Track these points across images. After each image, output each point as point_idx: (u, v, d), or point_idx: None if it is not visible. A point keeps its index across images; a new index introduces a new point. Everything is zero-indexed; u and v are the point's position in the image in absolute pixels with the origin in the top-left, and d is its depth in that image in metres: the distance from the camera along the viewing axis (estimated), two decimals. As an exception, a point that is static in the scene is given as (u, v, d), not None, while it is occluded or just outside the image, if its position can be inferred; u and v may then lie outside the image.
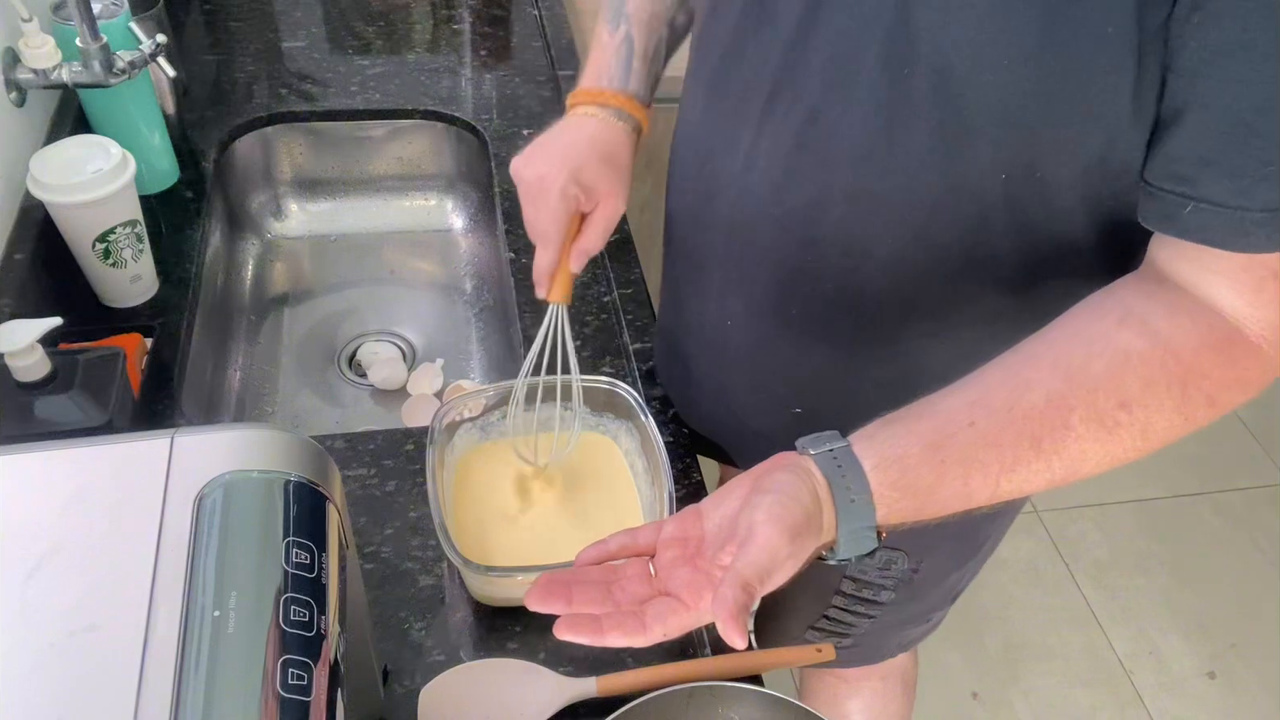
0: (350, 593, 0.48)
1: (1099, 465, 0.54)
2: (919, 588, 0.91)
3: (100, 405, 0.73)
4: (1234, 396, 0.54)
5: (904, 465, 0.53)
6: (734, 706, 0.66)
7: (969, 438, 0.53)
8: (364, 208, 1.25)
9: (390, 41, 1.30)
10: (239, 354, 1.08)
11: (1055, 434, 0.53)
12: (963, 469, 0.53)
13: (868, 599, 0.92)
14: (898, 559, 0.87)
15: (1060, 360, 0.54)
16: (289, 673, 0.39)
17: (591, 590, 0.54)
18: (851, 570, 0.89)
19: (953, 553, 0.90)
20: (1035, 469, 0.53)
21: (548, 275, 0.71)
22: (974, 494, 0.54)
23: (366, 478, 0.80)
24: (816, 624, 0.98)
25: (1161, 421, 0.53)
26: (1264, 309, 0.52)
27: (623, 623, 0.52)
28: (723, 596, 0.48)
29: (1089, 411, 0.53)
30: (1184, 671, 1.71)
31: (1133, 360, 0.53)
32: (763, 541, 0.51)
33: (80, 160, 0.85)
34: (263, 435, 0.47)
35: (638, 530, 0.57)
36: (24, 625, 0.40)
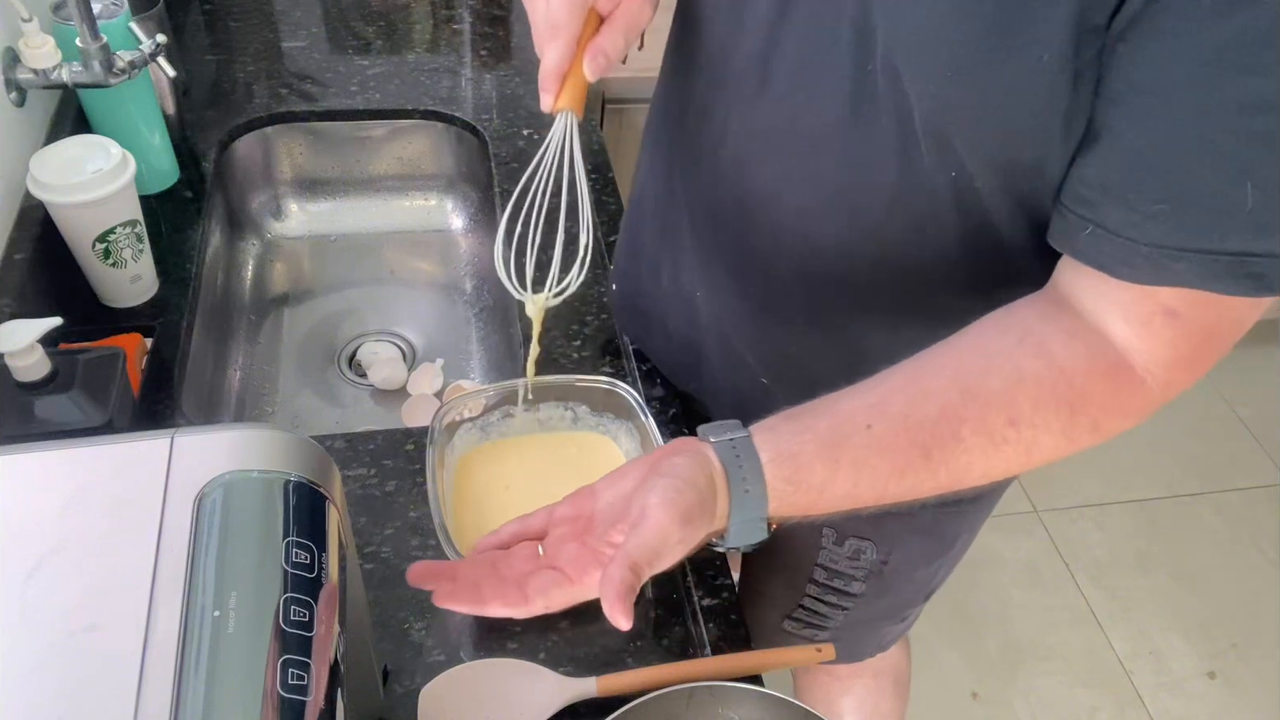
0: (350, 593, 0.48)
1: (981, 477, 0.56)
2: (890, 580, 0.92)
3: (100, 405, 0.73)
4: (1117, 424, 0.56)
5: (799, 462, 0.54)
6: (734, 706, 0.66)
7: (864, 441, 0.55)
8: (364, 208, 1.25)
9: (390, 41, 1.30)
10: (239, 354, 1.08)
11: (945, 445, 0.55)
12: (854, 471, 0.55)
13: (839, 589, 0.94)
14: (866, 549, 0.88)
15: (960, 373, 0.56)
16: (289, 673, 0.39)
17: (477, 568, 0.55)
18: (823, 558, 0.91)
19: (921, 548, 0.91)
20: (922, 476, 0.55)
21: (557, 77, 0.59)
22: (861, 495, 0.56)
23: (366, 478, 0.81)
24: (792, 614, 0.99)
25: (1047, 441, 0.55)
26: (1150, 342, 0.54)
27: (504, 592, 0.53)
28: (610, 576, 0.50)
29: (979, 425, 0.54)
30: (1184, 671, 1.71)
31: (1027, 380, 0.54)
32: (654, 525, 0.52)
33: (80, 160, 0.85)
34: (263, 435, 0.47)
35: (529, 516, 0.59)
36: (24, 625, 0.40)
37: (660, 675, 0.68)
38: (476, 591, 0.53)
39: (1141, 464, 2.02)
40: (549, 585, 0.54)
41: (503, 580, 0.55)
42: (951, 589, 1.51)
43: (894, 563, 0.90)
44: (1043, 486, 1.92)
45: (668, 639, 0.73)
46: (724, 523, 0.55)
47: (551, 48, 0.59)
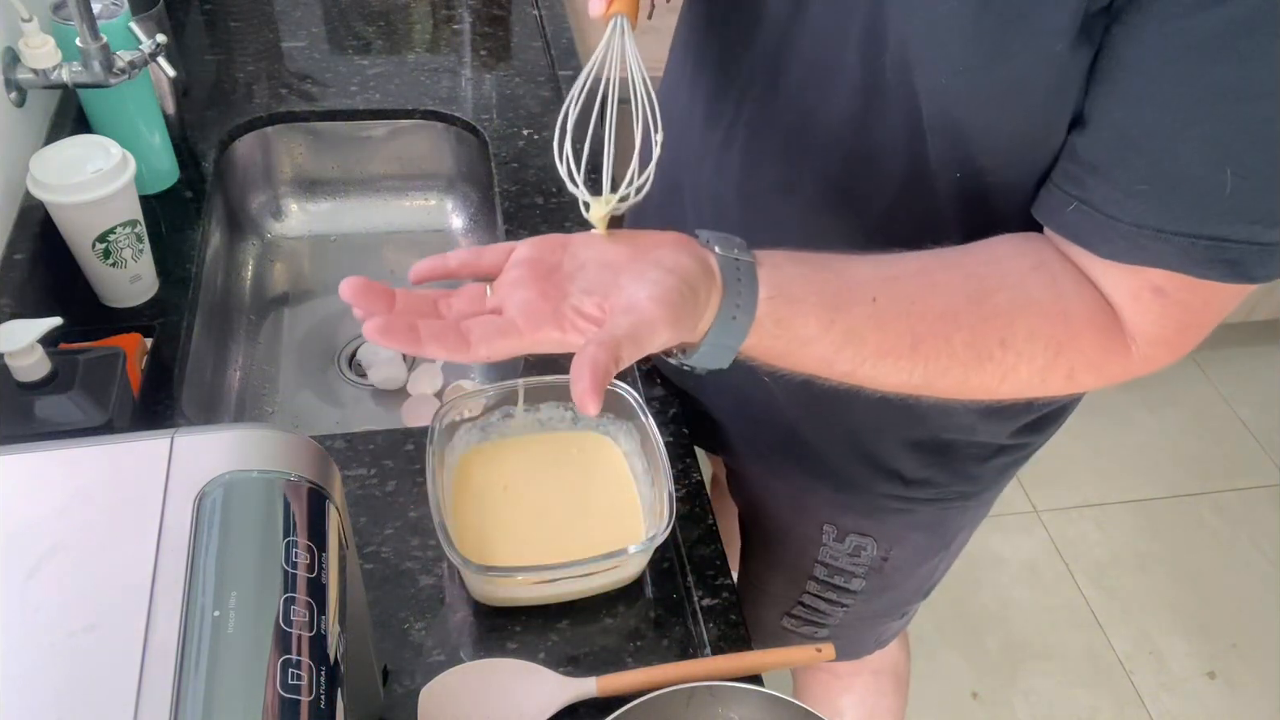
0: (350, 593, 0.48)
1: (950, 388, 0.56)
2: (890, 577, 0.92)
3: (100, 405, 0.73)
4: (1090, 379, 0.56)
5: (795, 309, 0.52)
6: (734, 706, 0.66)
7: (865, 313, 0.53)
8: (364, 208, 1.25)
9: (390, 41, 1.30)
10: (239, 354, 1.08)
11: (934, 344, 0.53)
12: (843, 339, 0.53)
13: (839, 586, 0.94)
14: (867, 545, 0.88)
15: (972, 278, 0.55)
16: (289, 673, 0.39)
17: (418, 302, 0.50)
18: (823, 555, 0.91)
19: (922, 545, 0.91)
20: (900, 366, 0.54)
21: None
22: (835, 364, 0.54)
23: (366, 478, 0.81)
24: (792, 611, 0.99)
25: (1023, 373, 0.55)
26: (1139, 316, 0.54)
27: (443, 335, 0.48)
28: (591, 356, 0.45)
29: (972, 337, 0.54)
30: (1184, 671, 1.71)
31: (1031, 307, 0.54)
32: (645, 319, 0.47)
33: (80, 160, 0.85)
34: (263, 435, 0.47)
35: (484, 249, 0.54)
36: (24, 625, 0.40)
37: (660, 675, 0.68)
38: (413, 331, 0.47)
39: (1141, 464, 2.02)
40: (494, 333, 0.48)
41: (443, 320, 0.49)
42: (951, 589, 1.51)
43: (894, 559, 0.90)
44: (1043, 486, 1.92)
45: (668, 639, 0.73)
46: (698, 338, 0.51)
47: None
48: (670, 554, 0.78)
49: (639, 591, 0.76)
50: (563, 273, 0.52)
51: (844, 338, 0.53)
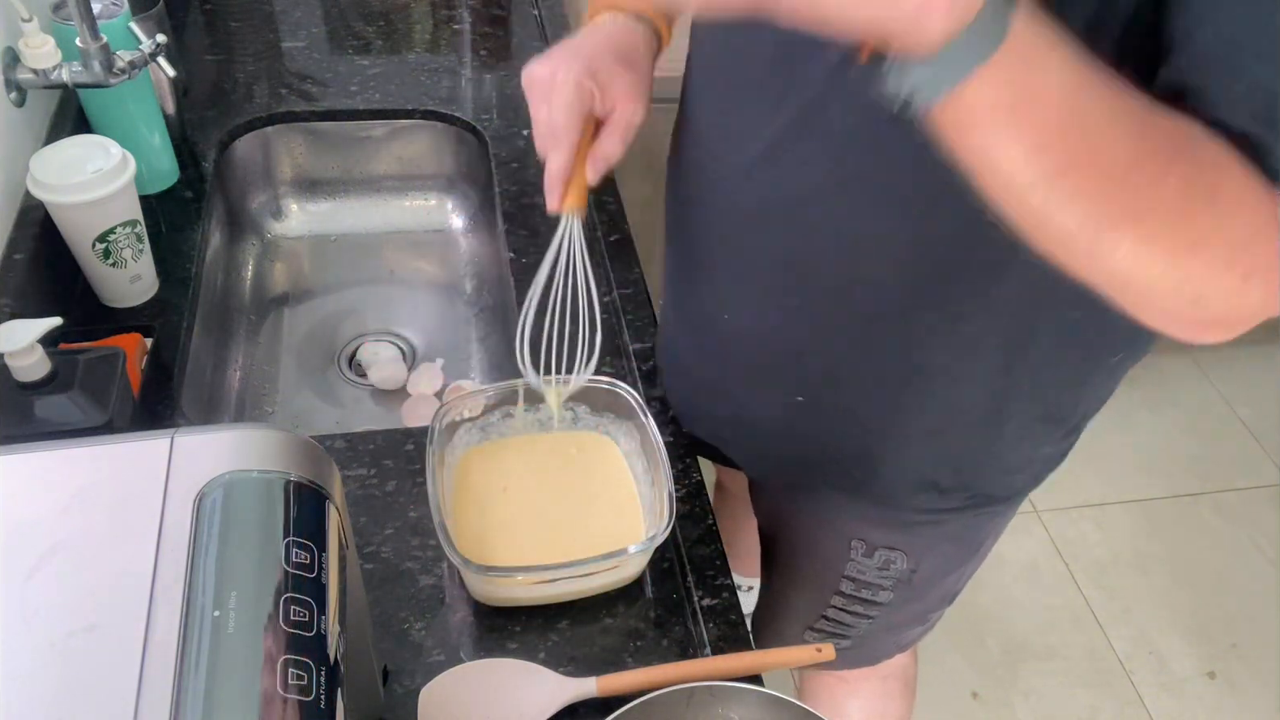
0: (350, 593, 0.48)
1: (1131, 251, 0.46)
2: (918, 588, 0.91)
3: (100, 405, 0.73)
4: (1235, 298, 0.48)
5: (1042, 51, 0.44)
6: (734, 706, 0.66)
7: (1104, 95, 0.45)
8: (364, 208, 1.25)
9: (390, 41, 1.30)
10: (239, 354, 1.08)
11: (1150, 165, 0.45)
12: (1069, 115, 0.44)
13: (866, 599, 0.92)
14: (896, 559, 0.87)
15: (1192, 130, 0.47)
16: (289, 673, 0.39)
17: None
18: (850, 570, 0.89)
19: (952, 554, 0.90)
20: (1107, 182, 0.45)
21: (560, 181, 0.65)
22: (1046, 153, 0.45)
23: (366, 478, 0.81)
24: (815, 625, 0.98)
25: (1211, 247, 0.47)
26: None
27: None
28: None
29: (1187, 176, 0.46)
30: (1184, 671, 1.71)
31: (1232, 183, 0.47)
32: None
33: (80, 160, 0.85)
34: (263, 435, 0.47)
35: None
36: (24, 625, 0.40)
37: (660, 675, 0.68)
38: None
39: (1141, 464, 2.02)
40: None
41: None
42: (951, 589, 1.50)
43: (923, 571, 0.88)
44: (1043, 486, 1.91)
45: (668, 639, 0.73)
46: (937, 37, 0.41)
47: (554, 155, 0.65)
48: (670, 554, 0.78)
49: (639, 591, 0.76)
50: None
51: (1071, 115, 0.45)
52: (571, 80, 0.65)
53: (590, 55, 0.66)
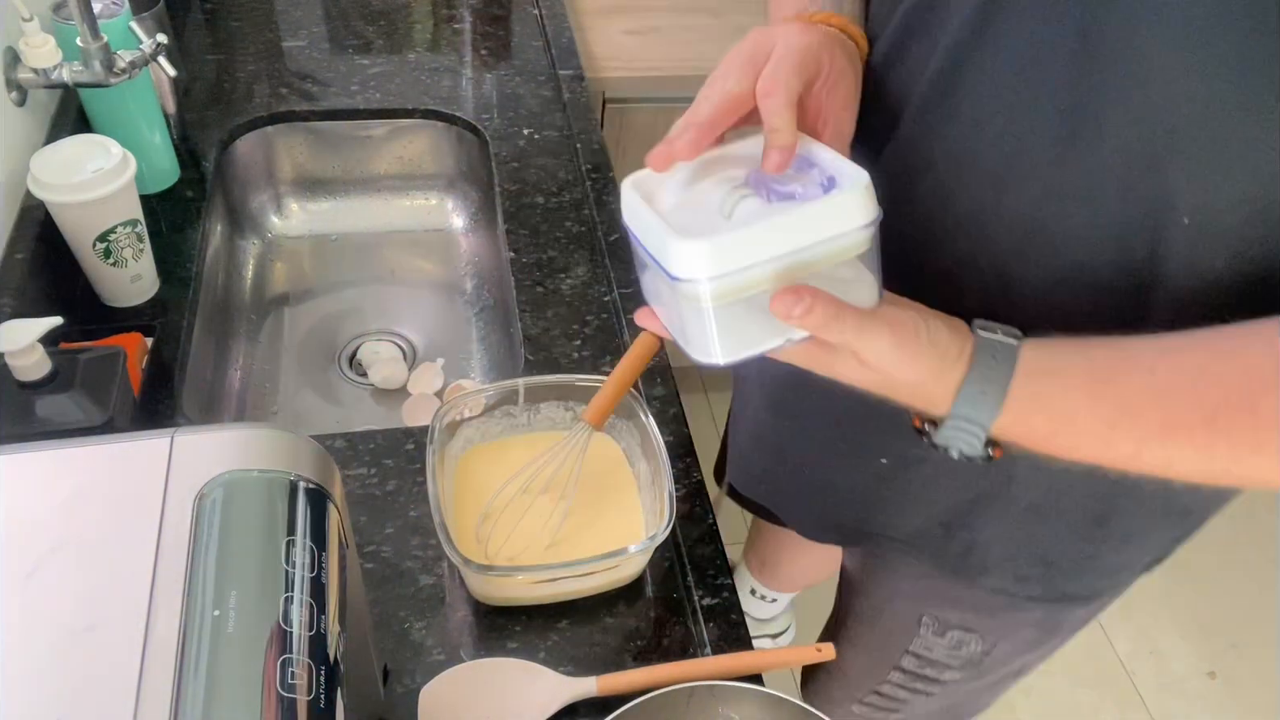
0: (350, 593, 0.48)
1: (1270, 469, 0.46)
2: (987, 669, 0.84)
3: (100, 405, 0.73)
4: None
5: (1056, 381, 0.48)
6: (734, 706, 0.66)
7: (1141, 381, 0.47)
8: (364, 207, 1.25)
9: (391, 41, 1.30)
10: (239, 353, 1.08)
11: (1238, 414, 0.45)
12: (1115, 412, 0.47)
13: (929, 677, 0.86)
14: (970, 640, 0.81)
15: (1275, 342, 0.45)
16: (289, 672, 0.39)
17: None
18: (916, 646, 0.84)
19: (1031, 639, 0.82)
20: (1196, 444, 0.46)
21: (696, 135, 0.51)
22: (1115, 444, 0.47)
23: (366, 477, 0.81)
24: (866, 698, 0.92)
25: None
26: None
27: None
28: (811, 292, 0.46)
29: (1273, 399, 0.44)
30: (1184, 671, 1.71)
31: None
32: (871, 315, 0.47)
33: (81, 160, 0.85)
34: (263, 434, 0.47)
35: None
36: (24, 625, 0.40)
37: (660, 675, 0.68)
38: None
39: (1142, 464, 2.02)
40: None
41: None
42: (952, 589, 1.49)
43: (997, 653, 0.82)
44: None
45: (668, 639, 0.73)
46: (944, 408, 0.49)
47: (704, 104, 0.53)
48: (670, 554, 0.78)
49: (639, 591, 0.76)
50: None
51: (1117, 411, 0.47)
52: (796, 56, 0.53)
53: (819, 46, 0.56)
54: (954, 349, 0.49)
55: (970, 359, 0.49)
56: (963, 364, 0.49)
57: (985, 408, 0.48)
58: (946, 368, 0.49)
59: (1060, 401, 0.48)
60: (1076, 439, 0.49)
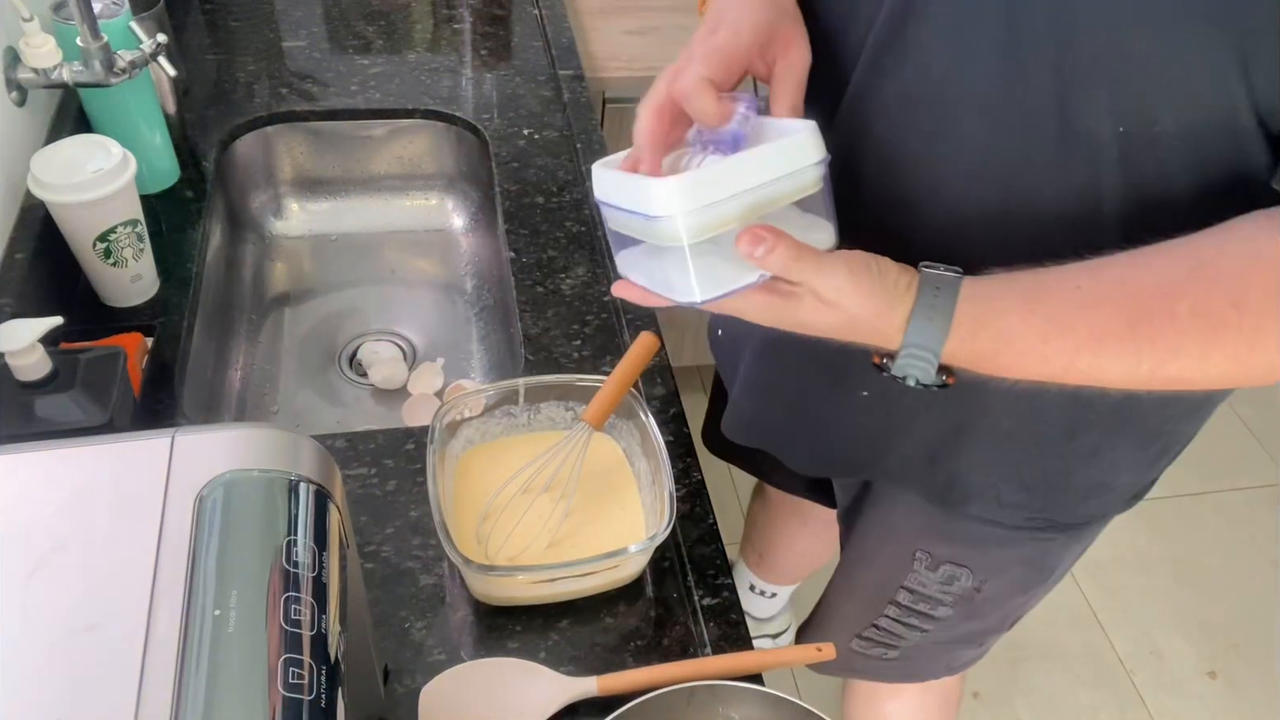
0: (350, 593, 0.48)
1: (1191, 370, 0.49)
2: (979, 607, 0.87)
3: (101, 405, 0.73)
4: None
5: (993, 306, 0.53)
6: (734, 706, 0.66)
7: (1068, 298, 0.51)
8: (364, 207, 1.25)
9: (391, 41, 1.30)
10: (239, 353, 1.08)
11: (1155, 318, 0.49)
12: (1048, 327, 0.51)
13: (923, 612, 0.89)
14: (961, 575, 0.84)
15: (1191, 250, 0.50)
16: (289, 672, 0.39)
17: None
18: (910, 581, 0.86)
19: (1021, 577, 0.85)
20: (1122, 350, 0.50)
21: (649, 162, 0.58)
22: (1050, 357, 0.52)
23: (367, 477, 0.81)
24: (863, 633, 0.94)
25: (1272, 339, 0.48)
26: None
27: None
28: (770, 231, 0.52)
29: (1198, 303, 0.48)
30: (1184, 671, 1.71)
31: (1263, 261, 0.47)
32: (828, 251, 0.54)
33: (81, 160, 0.85)
34: (263, 434, 0.47)
35: None
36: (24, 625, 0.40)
37: (660, 675, 0.68)
38: None
39: (1142, 464, 2.02)
40: None
41: None
42: (952, 589, 1.50)
43: (988, 590, 0.85)
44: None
45: (668, 639, 0.73)
46: (897, 339, 0.54)
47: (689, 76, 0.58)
48: (670, 554, 0.78)
49: (639, 591, 0.76)
50: None
51: (1048, 326, 0.51)
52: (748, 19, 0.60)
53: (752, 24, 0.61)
54: (903, 283, 0.54)
55: (916, 291, 0.54)
56: (910, 295, 0.53)
57: (932, 334, 0.53)
58: (896, 299, 0.53)
59: (999, 322, 0.52)
60: (1017, 357, 0.53)
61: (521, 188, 1.10)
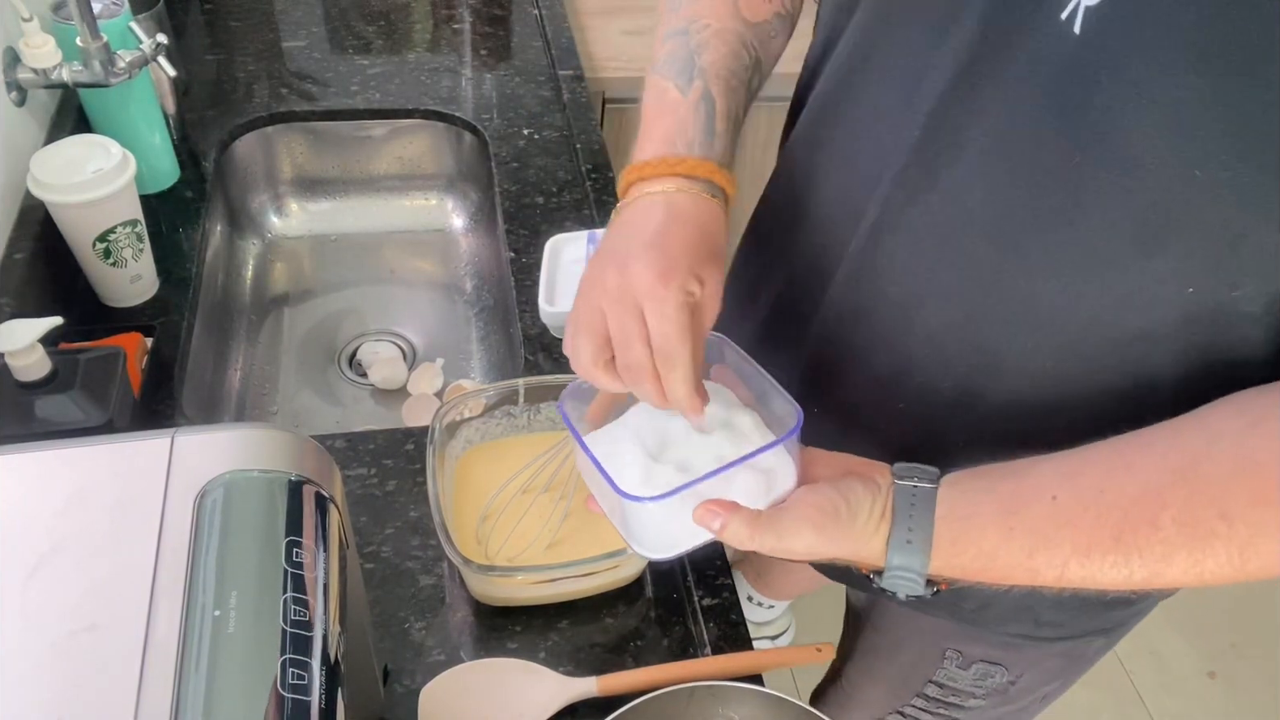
0: (350, 593, 0.48)
1: (1187, 576, 0.48)
2: (1013, 697, 0.83)
3: (100, 405, 0.73)
4: None
5: (970, 524, 0.51)
6: (734, 706, 0.66)
7: (1045, 511, 0.49)
8: (364, 207, 1.25)
9: (390, 41, 1.30)
10: (239, 354, 1.08)
11: (1139, 530, 0.47)
12: (1030, 541, 0.49)
13: (953, 704, 0.85)
14: (996, 673, 0.80)
15: (1173, 452, 0.48)
16: (289, 672, 0.39)
17: None
18: (940, 676, 0.83)
19: (1057, 669, 0.82)
20: (1111, 561, 0.48)
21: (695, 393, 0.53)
22: (1039, 570, 0.50)
23: (366, 477, 0.81)
24: (886, 717, 0.91)
25: (1266, 547, 0.46)
26: None
27: None
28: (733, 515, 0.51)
29: (1183, 514, 0.46)
30: (1184, 671, 1.71)
31: (1252, 470, 0.45)
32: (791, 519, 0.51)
33: (81, 160, 0.85)
34: (263, 435, 0.47)
35: None
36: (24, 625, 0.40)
37: (660, 675, 0.68)
38: None
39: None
40: None
41: None
42: (952, 589, 1.49)
43: (1023, 683, 0.81)
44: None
45: (668, 639, 0.73)
46: (880, 562, 0.52)
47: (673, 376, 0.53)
48: (670, 554, 0.78)
49: (639, 591, 0.76)
50: None
51: (1031, 540, 0.49)
52: (679, 292, 0.53)
53: (687, 256, 0.55)
54: (875, 513, 0.52)
55: (891, 513, 0.52)
56: (885, 524, 0.52)
57: (914, 555, 0.51)
58: (871, 530, 0.52)
59: (980, 541, 0.50)
60: (1005, 571, 0.51)
61: (521, 188, 1.10)
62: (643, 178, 0.59)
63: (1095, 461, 0.50)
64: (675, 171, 0.58)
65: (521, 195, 1.09)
